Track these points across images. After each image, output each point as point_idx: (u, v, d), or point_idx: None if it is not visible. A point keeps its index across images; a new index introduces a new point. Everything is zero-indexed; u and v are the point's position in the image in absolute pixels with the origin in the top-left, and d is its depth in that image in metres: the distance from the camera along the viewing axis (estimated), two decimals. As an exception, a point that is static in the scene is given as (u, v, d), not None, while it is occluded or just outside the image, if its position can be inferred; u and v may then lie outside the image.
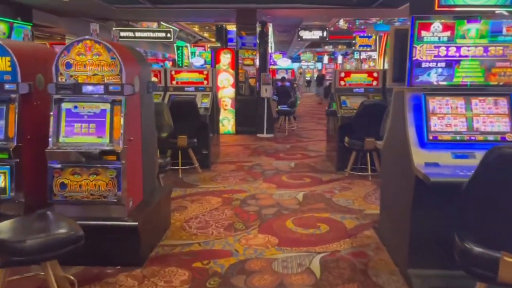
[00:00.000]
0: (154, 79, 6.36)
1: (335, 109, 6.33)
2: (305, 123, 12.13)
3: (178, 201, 4.55)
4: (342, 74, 6.33)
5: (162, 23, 13.43)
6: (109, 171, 2.85)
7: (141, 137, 3.29)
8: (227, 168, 6.20)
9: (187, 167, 5.86)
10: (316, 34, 12.68)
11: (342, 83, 6.32)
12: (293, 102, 9.79)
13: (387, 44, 12.95)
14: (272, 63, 18.16)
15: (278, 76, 14.67)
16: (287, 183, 5.38)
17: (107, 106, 2.92)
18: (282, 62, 15.67)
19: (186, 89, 6.39)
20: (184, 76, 6.40)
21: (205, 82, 6.38)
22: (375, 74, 6.32)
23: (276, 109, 10.05)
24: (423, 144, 2.70)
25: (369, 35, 16.88)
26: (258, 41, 9.89)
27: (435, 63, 2.76)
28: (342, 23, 17.65)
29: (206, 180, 5.51)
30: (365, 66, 16.86)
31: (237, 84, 9.81)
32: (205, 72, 6.39)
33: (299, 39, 13.04)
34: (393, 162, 3.18)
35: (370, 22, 16.74)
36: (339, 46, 25.58)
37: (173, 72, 6.38)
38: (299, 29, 12.63)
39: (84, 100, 2.92)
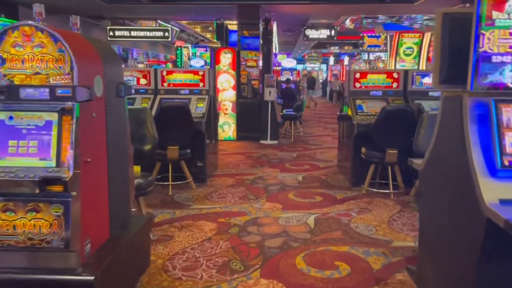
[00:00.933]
0: (140, 81, 5.60)
1: (347, 113, 5.54)
2: (312, 127, 11.33)
3: (163, 228, 3.77)
4: (357, 75, 5.53)
5: (160, 22, 12.68)
6: (54, 207, 2.07)
7: (107, 155, 2.50)
8: (226, 182, 5.41)
9: (179, 182, 5.08)
10: (323, 33, 11.87)
11: (357, 85, 5.52)
12: (299, 106, 9.00)
13: (399, 44, 12.18)
14: (277, 64, 17.39)
15: (283, 78, 13.87)
16: (294, 203, 4.58)
17: (54, 117, 2.13)
18: (286, 63, 14.87)
19: (179, 92, 5.61)
20: (177, 77, 5.62)
21: (201, 84, 5.60)
22: (395, 75, 5.52)
23: (281, 113, 9.27)
24: (494, 171, 1.90)
25: (378, 34, 16.08)
26: (261, 40, 9.11)
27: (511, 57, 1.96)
28: (348, 23, 16.89)
29: (200, 198, 4.72)
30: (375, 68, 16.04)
31: (238, 86, 9.03)
32: (201, 73, 5.60)
33: (305, 39, 12.24)
34: (443, 190, 2.38)
35: (378, 21, 15.96)
36: (345, 47, 24.80)
37: (164, 73, 5.60)
38: (305, 27, 11.83)
39: (22, 108, 2.14)
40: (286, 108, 9.98)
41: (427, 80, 5.45)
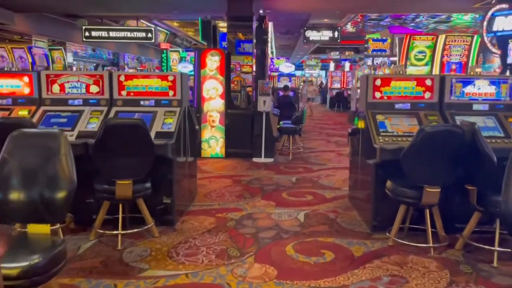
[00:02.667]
0: (91, 88, 4.22)
1: (362, 129, 4.21)
2: (312, 141, 9.96)
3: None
4: (378, 82, 4.18)
5: (145, 22, 11.34)
6: None
7: None
8: (202, 225, 4.03)
9: (135, 230, 3.69)
10: (325, 35, 10.58)
11: (378, 94, 4.17)
12: (299, 118, 7.64)
13: (410, 47, 10.89)
14: (273, 70, 16.05)
15: (280, 85, 12.54)
16: (295, 264, 3.19)
17: None
18: (284, 68, 13.54)
19: (142, 103, 4.24)
20: (140, 83, 4.25)
21: (171, 92, 4.23)
22: (428, 82, 4.17)
23: (278, 126, 7.90)
24: None
25: (384, 38, 14.80)
26: (254, 40, 7.77)
27: None
28: (349, 27, 15.62)
29: (160, 255, 3.32)
30: (380, 73, 14.72)
31: (227, 95, 7.68)
32: (170, 78, 4.23)
33: (304, 41, 10.93)
34: None
35: (383, 23, 14.65)
36: (346, 53, 23.55)
37: (122, 78, 4.23)
38: (305, 28, 10.52)
39: None
40: (284, 119, 8.63)
41: (471, 89, 4.11)
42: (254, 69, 7.96)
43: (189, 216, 4.27)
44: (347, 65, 22.78)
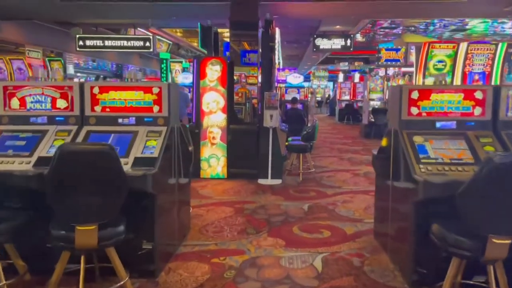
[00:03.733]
0: (58, 103, 3.40)
1: (386, 148, 3.36)
2: (323, 158, 9.08)
3: None
4: (415, 94, 3.33)
5: (140, 29, 10.63)
6: None
7: None
8: (192, 277, 3.17)
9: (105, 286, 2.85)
10: (336, 43, 9.77)
11: (414, 110, 3.32)
12: (310, 134, 6.80)
13: (428, 56, 10.05)
14: (281, 81, 15.26)
15: (288, 97, 11.72)
16: None
17: None
18: (292, 79, 12.72)
19: (119, 121, 3.42)
20: (117, 97, 3.43)
21: (156, 108, 3.41)
22: (478, 95, 3.31)
23: (286, 143, 7.06)
24: None
25: (398, 47, 13.98)
26: (260, 48, 6.98)
27: None
28: (359, 37, 14.82)
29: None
30: (394, 84, 13.89)
31: (230, 108, 6.86)
32: (155, 90, 3.42)
33: (314, 50, 10.11)
34: None
35: (395, 32, 13.83)
36: (356, 63, 22.77)
37: (96, 90, 3.42)
38: (315, 36, 9.73)
39: None
40: (292, 135, 7.78)
41: (532, 104, 3.25)
42: (260, 80, 7.15)
43: (177, 263, 3.42)
44: (356, 76, 21.94)
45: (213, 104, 6.75)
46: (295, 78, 12.62)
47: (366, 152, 9.96)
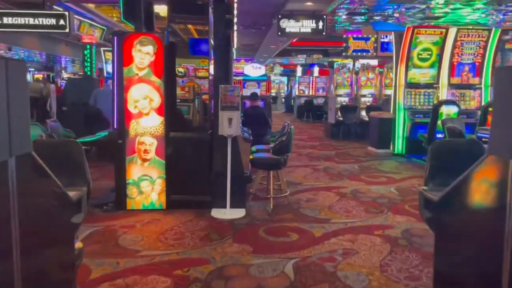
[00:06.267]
0: None
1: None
2: (293, 169, 7.16)
3: None
4: None
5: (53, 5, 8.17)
6: None
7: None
8: None
9: None
10: (306, 26, 7.89)
11: None
12: (284, 145, 4.82)
13: (412, 44, 8.41)
14: (236, 74, 13.18)
15: (246, 92, 9.73)
16: None
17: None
18: (251, 70, 10.69)
19: None
20: None
21: None
22: None
23: (250, 156, 5.04)
24: None
25: (368, 36, 12.40)
26: (211, 22, 4.88)
27: None
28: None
29: None
30: (363, 79, 12.29)
31: (169, 108, 4.76)
32: None
33: (279, 34, 8.16)
34: None
35: (359, 21, 12.07)
36: (314, 56, 21.19)
37: None
38: (279, 16, 7.79)
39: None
40: (254, 142, 5.79)
41: None
42: (212, 70, 5.07)
43: None
44: (316, 69, 20.35)
45: (144, 102, 4.62)
46: (254, 70, 10.62)
47: (341, 159, 8.22)
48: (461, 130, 5.05)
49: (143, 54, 4.57)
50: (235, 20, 6.65)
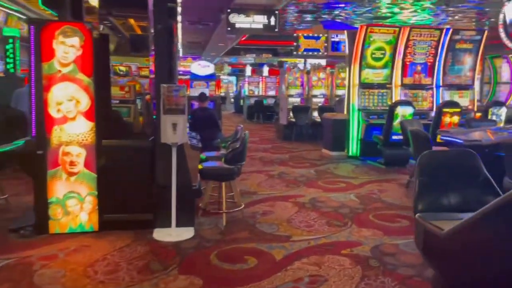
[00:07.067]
0: None
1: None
2: (246, 175, 6.59)
3: None
4: None
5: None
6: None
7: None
8: None
9: None
10: (257, 21, 7.35)
11: None
12: (237, 153, 4.24)
13: (366, 42, 8.13)
14: (182, 73, 12.42)
15: (194, 92, 9.01)
16: None
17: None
18: (198, 69, 9.96)
19: None
20: None
21: None
22: None
23: (199, 166, 4.40)
24: None
25: (318, 35, 12.13)
26: (151, 15, 4.18)
27: None
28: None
29: None
30: (314, 79, 11.99)
31: (100, 110, 4.00)
32: None
33: (228, 29, 7.55)
34: None
35: (308, 19, 11.79)
36: (264, 55, 20.81)
37: None
38: (228, 11, 7.18)
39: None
40: (204, 149, 5.17)
41: None
42: (154, 67, 4.36)
43: None
44: (265, 69, 19.96)
45: (69, 105, 3.84)
46: (202, 68, 9.90)
47: (296, 163, 7.79)
48: (427, 134, 4.73)
49: (67, 47, 3.79)
50: (179, 10, 5.96)
